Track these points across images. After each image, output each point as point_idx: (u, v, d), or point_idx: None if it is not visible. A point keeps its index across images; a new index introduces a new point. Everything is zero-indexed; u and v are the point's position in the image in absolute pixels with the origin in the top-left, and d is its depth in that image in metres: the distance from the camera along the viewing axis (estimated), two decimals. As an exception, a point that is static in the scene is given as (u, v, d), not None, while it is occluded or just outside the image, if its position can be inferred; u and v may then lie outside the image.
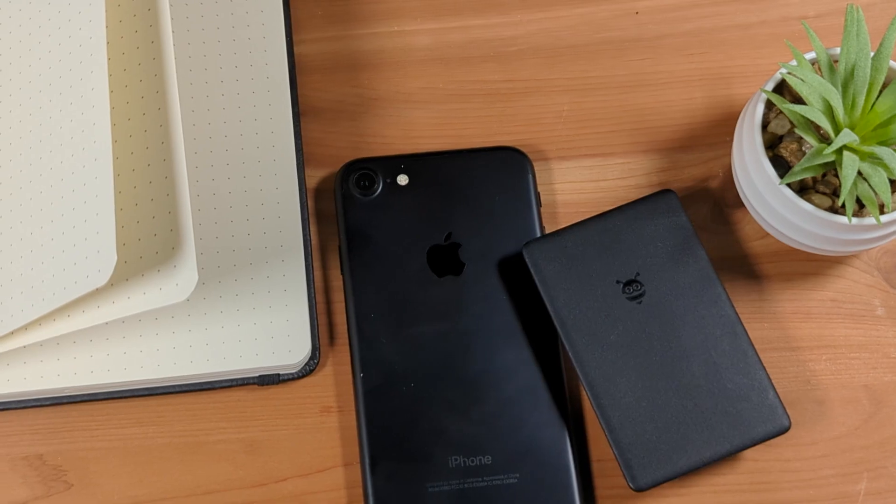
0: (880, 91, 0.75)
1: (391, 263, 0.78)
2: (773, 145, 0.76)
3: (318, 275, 0.79)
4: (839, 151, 0.72)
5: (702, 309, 0.76)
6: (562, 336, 0.76)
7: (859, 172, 0.73)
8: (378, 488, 0.75)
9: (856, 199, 0.74)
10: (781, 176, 0.75)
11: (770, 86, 0.76)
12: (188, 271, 0.74)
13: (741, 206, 0.81)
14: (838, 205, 0.74)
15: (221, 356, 0.76)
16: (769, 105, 0.76)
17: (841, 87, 0.74)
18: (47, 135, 0.76)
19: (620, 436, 0.74)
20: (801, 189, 0.76)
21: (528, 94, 0.83)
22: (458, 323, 0.77)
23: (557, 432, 0.76)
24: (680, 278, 0.77)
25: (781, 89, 0.77)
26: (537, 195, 0.80)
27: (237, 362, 0.76)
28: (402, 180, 0.80)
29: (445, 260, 0.78)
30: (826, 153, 0.72)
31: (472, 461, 0.75)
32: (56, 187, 0.75)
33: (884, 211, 0.74)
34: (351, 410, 0.77)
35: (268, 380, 0.77)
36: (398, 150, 0.81)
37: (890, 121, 0.73)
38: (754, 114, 0.76)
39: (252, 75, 0.81)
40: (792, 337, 0.79)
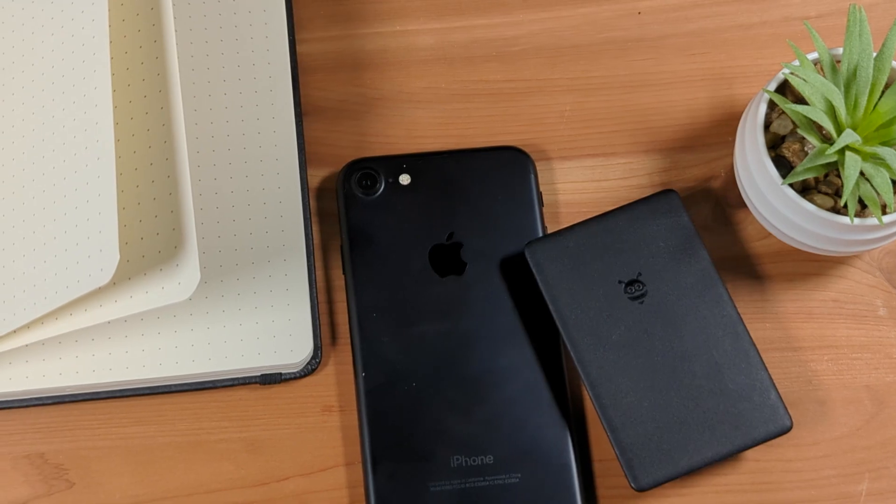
0: (883, 91, 0.75)
1: (393, 263, 0.78)
2: (776, 145, 0.76)
3: (320, 274, 0.79)
4: (841, 152, 0.72)
5: (704, 309, 0.76)
6: (563, 336, 0.76)
7: (861, 173, 0.73)
8: (380, 488, 0.75)
9: (858, 200, 0.74)
10: (784, 176, 0.75)
11: (772, 86, 0.76)
12: (190, 270, 0.74)
13: (743, 207, 0.81)
14: (840, 205, 0.74)
15: (223, 355, 0.76)
16: (771, 105, 0.76)
17: (843, 88, 0.74)
18: (50, 133, 0.76)
19: (622, 436, 0.74)
20: (804, 189, 0.75)
21: (531, 94, 0.83)
22: (460, 323, 0.77)
23: (559, 432, 0.76)
24: (682, 278, 0.77)
25: (784, 89, 0.77)
26: (539, 195, 0.80)
27: (239, 361, 0.76)
28: (405, 180, 0.79)
29: (447, 259, 0.78)
30: (828, 153, 0.72)
31: (474, 461, 0.75)
32: (58, 186, 0.75)
33: (886, 211, 0.74)
34: (353, 410, 0.77)
35: (270, 379, 0.77)
36: (400, 150, 0.81)
37: (892, 121, 0.73)
38: (756, 114, 0.76)
39: (254, 74, 0.81)
40: (794, 337, 0.79)
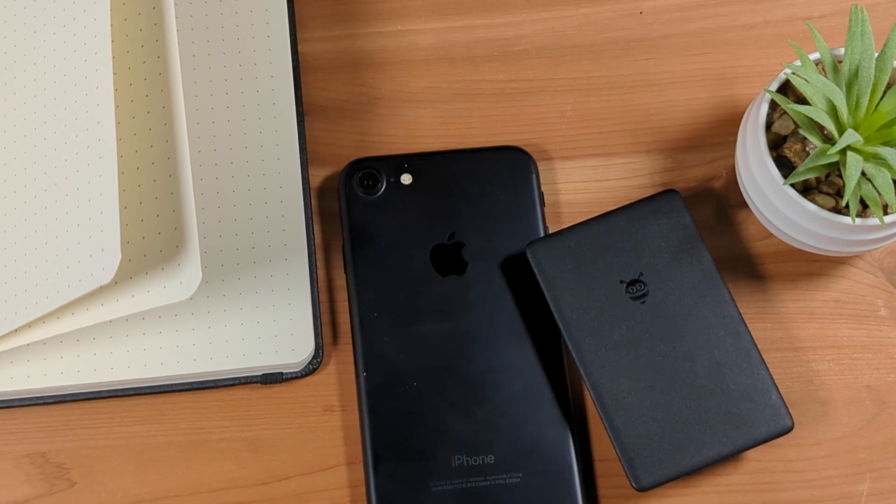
0: (884, 91, 0.75)
1: (394, 263, 0.78)
2: (777, 145, 0.76)
3: (322, 274, 0.79)
4: (843, 152, 0.72)
5: (705, 309, 0.76)
6: (565, 336, 0.76)
7: (863, 173, 0.73)
8: (381, 487, 0.75)
9: (859, 200, 0.74)
10: (785, 176, 0.75)
11: (774, 86, 0.76)
12: (192, 269, 0.74)
13: (745, 207, 0.81)
14: (842, 205, 0.74)
15: (225, 355, 0.76)
16: (773, 105, 0.76)
17: (845, 88, 0.74)
18: (52, 132, 0.76)
19: (623, 435, 0.74)
20: (805, 189, 0.75)
21: (532, 94, 0.83)
22: (461, 322, 0.77)
23: (560, 432, 0.76)
24: (683, 278, 0.77)
25: (785, 89, 0.77)
26: (541, 195, 0.80)
27: (240, 361, 0.76)
28: (406, 179, 0.79)
29: (449, 259, 0.78)
30: (830, 154, 0.72)
31: (475, 460, 0.75)
32: (60, 185, 0.75)
33: (887, 211, 0.74)
34: (354, 409, 0.77)
35: (271, 378, 0.77)
36: (402, 150, 0.81)
37: (894, 121, 0.73)
38: (758, 114, 0.76)
39: (256, 74, 0.81)
40: (795, 337, 0.79)
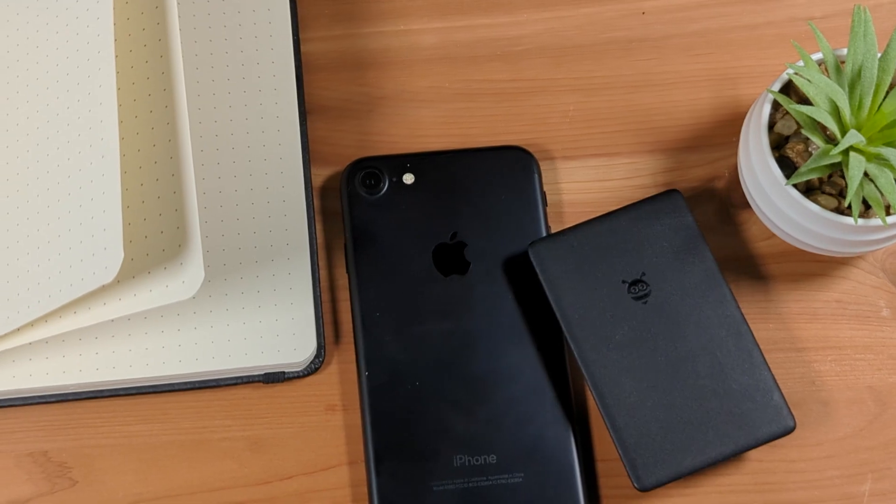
0: (887, 92, 0.75)
1: (397, 262, 0.78)
2: (780, 146, 0.76)
3: (324, 273, 0.79)
4: (845, 152, 0.72)
5: (707, 309, 0.76)
6: (567, 335, 0.76)
7: (865, 173, 0.73)
8: (383, 487, 0.75)
9: (862, 200, 0.74)
10: (788, 176, 0.75)
11: (776, 86, 0.76)
12: (194, 269, 0.74)
13: (747, 207, 0.81)
14: (844, 206, 0.74)
15: (227, 354, 0.76)
16: (776, 106, 0.76)
17: (847, 88, 0.74)
18: (55, 131, 0.76)
19: (625, 435, 0.74)
20: (808, 190, 0.75)
21: (534, 94, 0.83)
22: (463, 322, 0.77)
23: (562, 432, 0.76)
24: (685, 278, 0.77)
25: (788, 90, 0.77)
26: (543, 195, 0.80)
27: (242, 360, 0.76)
28: (408, 179, 0.80)
29: (451, 259, 0.78)
30: (832, 154, 0.72)
31: (477, 460, 0.75)
32: (63, 184, 0.75)
33: (890, 212, 0.74)
34: (356, 409, 0.77)
35: (273, 378, 0.77)
36: (404, 149, 0.81)
37: (896, 122, 0.74)
38: (760, 114, 0.76)
39: (258, 73, 0.81)
40: (797, 338, 0.79)
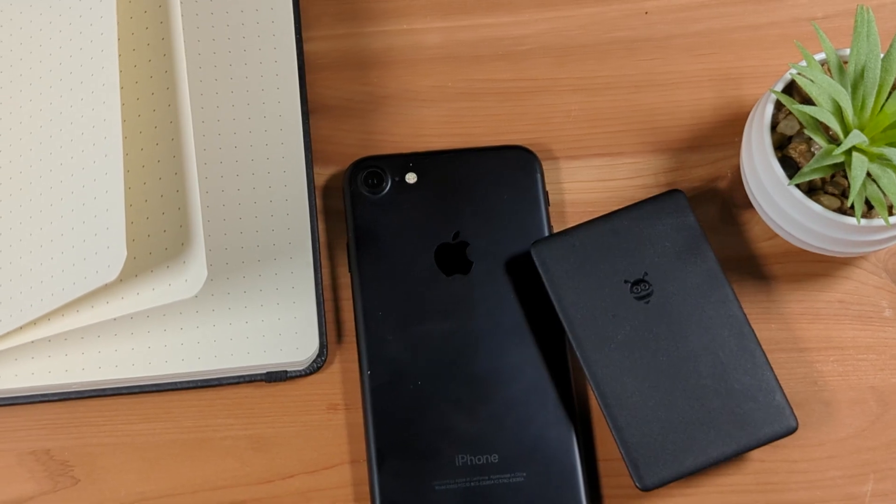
0: (890, 92, 0.74)
1: (399, 261, 0.78)
2: (782, 146, 0.76)
3: (326, 272, 0.79)
4: (848, 152, 0.72)
5: (710, 309, 0.76)
6: (569, 335, 0.76)
7: (868, 174, 0.73)
8: (384, 486, 0.75)
9: (864, 201, 0.74)
10: (790, 177, 0.75)
11: (779, 86, 0.76)
12: (197, 267, 0.74)
13: (749, 207, 0.81)
14: (847, 206, 0.74)
15: (229, 353, 0.76)
16: (778, 106, 0.76)
17: (850, 88, 0.74)
18: (58, 130, 0.76)
19: (627, 435, 0.74)
20: (810, 190, 0.75)
21: (538, 94, 0.83)
22: (466, 321, 0.77)
23: (564, 431, 0.76)
24: (688, 278, 0.77)
25: (791, 90, 0.77)
26: (546, 194, 0.80)
27: (245, 359, 0.76)
28: (411, 178, 0.80)
29: (453, 258, 0.78)
30: (835, 154, 0.72)
31: (479, 459, 0.75)
32: (66, 183, 0.75)
33: (892, 212, 0.74)
34: (358, 408, 0.77)
35: (275, 377, 0.77)
36: (407, 149, 0.81)
37: (899, 122, 0.73)
38: (763, 114, 0.76)
39: (261, 72, 0.81)
40: (799, 338, 0.79)
